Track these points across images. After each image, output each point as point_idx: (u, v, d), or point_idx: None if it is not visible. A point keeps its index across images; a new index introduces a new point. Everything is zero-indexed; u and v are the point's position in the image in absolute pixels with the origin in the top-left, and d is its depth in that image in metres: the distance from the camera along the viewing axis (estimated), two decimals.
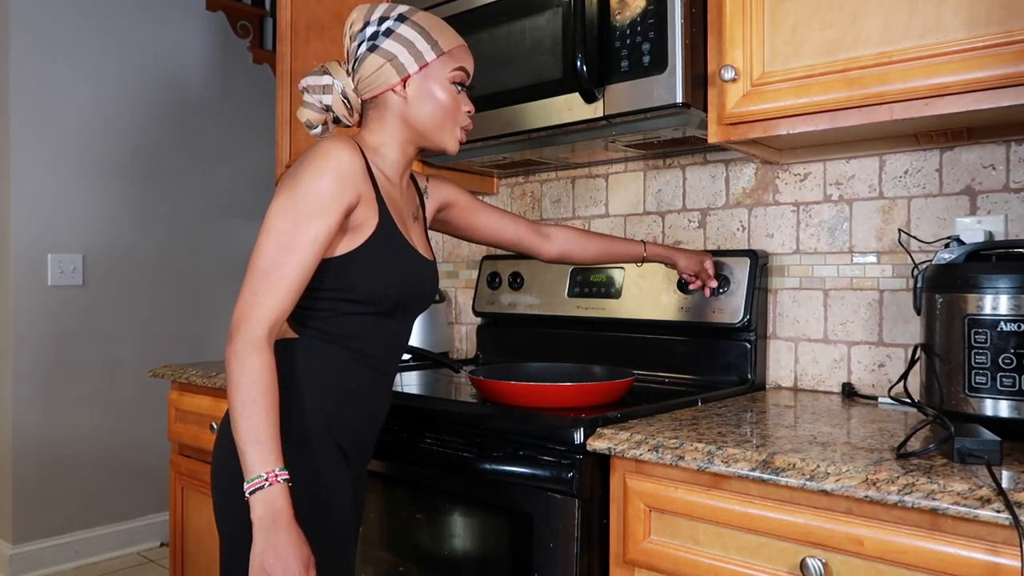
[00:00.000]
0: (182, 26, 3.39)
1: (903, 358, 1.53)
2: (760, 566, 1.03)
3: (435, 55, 1.19)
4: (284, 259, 1.06)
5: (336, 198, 1.09)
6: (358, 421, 1.20)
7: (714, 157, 1.79)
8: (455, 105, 1.22)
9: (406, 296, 1.20)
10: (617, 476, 1.18)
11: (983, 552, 0.86)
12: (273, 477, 1.01)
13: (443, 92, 1.20)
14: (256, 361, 1.04)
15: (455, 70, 1.21)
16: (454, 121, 1.22)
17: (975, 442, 0.95)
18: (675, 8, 1.37)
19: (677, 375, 1.73)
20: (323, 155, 1.09)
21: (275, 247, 1.06)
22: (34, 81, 2.94)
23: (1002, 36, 1.10)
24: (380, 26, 1.18)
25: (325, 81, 1.21)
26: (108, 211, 3.16)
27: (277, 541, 1.00)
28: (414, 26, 1.19)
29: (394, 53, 1.17)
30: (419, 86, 1.19)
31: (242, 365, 1.03)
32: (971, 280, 1.12)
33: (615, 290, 1.81)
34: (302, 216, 1.07)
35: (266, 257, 1.06)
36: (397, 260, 1.18)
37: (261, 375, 1.04)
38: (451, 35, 1.22)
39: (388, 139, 1.22)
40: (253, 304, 1.05)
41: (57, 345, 3.02)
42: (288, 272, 1.06)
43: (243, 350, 1.04)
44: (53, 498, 3.00)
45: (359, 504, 1.28)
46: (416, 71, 1.18)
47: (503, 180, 2.21)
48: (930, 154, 1.51)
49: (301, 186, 1.08)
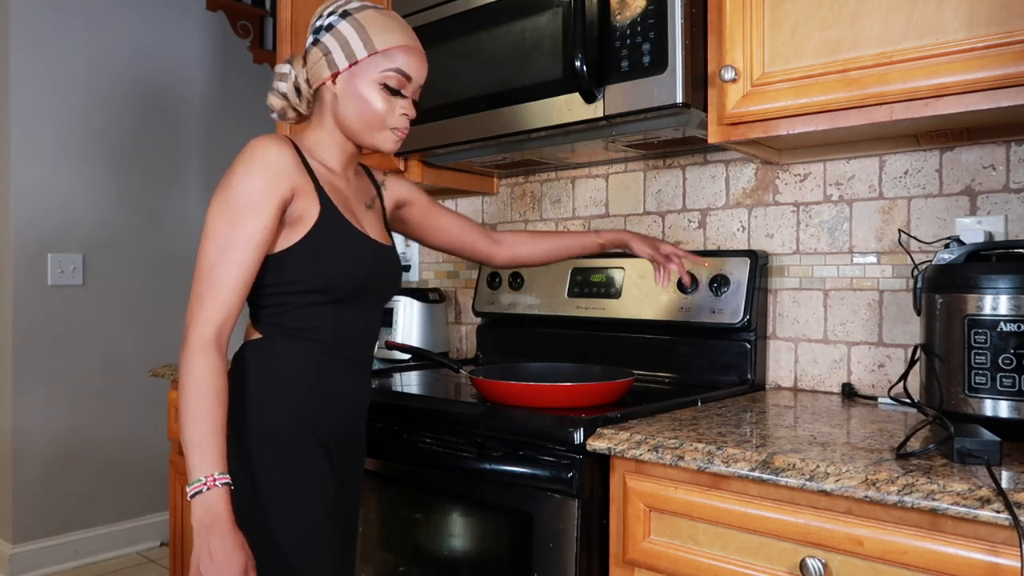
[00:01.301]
0: (182, 26, 3.39)
1: (903, 358, 1.53)
2: (760, 566, 1.03)
3: (366, 53, 1.17)
4: (223, 259, 1.07)
5: (268, 193, 1.10)
6: (336, 414, 1.21)
7: (714, 157, 1.79)
8: (385, 107, 1.19)
9: (361, 281, 1.20)
10: (617, 476, 1.18)
11: (983, 552, 0.86)
12: (212, 481, 1.01)
13: (370, 92, 1.18)
14: (202, 363, 1.05)
15: (387, 71, 1.18)
16: (381, 124, 1.20)
17: (975, 442, 0.95)
18: (675, 8, 1.37)
19: (677, 375, 1.73)
20: (250, 153, 1.11)
21: (214, 249, 1.08)
22: (34, 81, 2.94)
23: (1002, 36, 1.10)
24: (326, 20, 1.20)
25: (285, 69, 1.23)
26: (108, 211, 3.16)
27: (213, 545, 1.00)
28: (353, 23, 1.18)
29: (329, 48, 1.19)
30: (347, 83, 1.19)
31: (189, 368, 1.05)
32: (971, 280, 1.12)
33: (615, 290, 1.81)
34: (236, 215, 1.08)
35: (207, 259, 1.08)
36: (345, 247, 1.18)
37: (207, 378, 1.05)
38: (395, 35, 1.19)
39: (324, 133, 1.23)
40: (199, 308, 1.07)
41: (57, 345, 3.02)
42: (229, 272, 1.07)
43: (191, 353, 1.05)
44: (53, 498, 3.00)
45: (352, 499, 1.28)
46: (345, 68, 1.18)
47: (503, 180, 2.21)
48: (930, 154, 1.51)
49: (232, 186, 1.09)
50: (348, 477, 1.26)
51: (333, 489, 1.19)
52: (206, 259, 1.08)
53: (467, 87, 1.69)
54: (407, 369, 1.97)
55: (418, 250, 2.42)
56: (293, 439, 1.14)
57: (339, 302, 1.18)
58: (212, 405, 1.04)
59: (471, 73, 1.68)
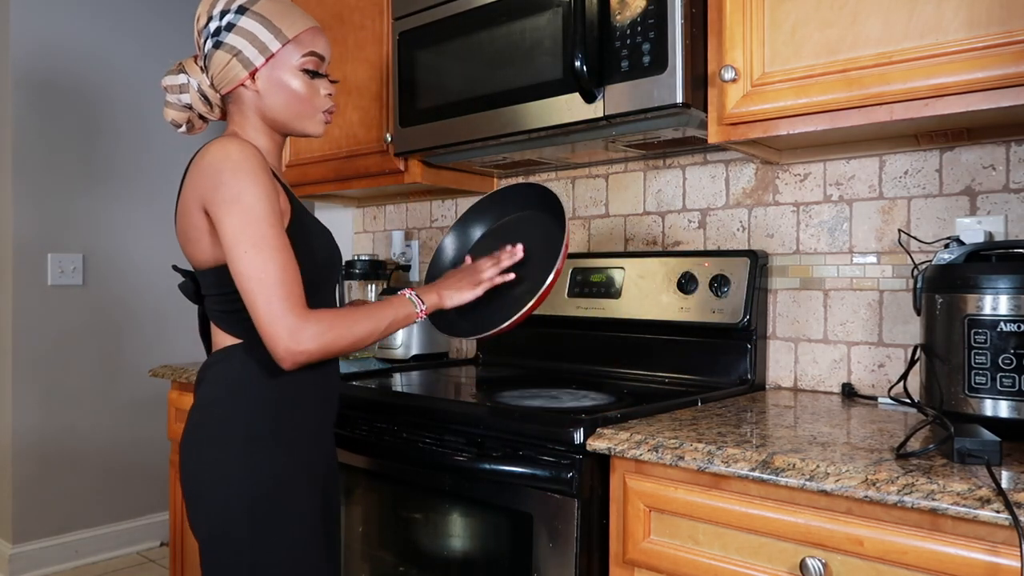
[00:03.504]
0: (182, 26, 3.39)
1: (903, 358, 1.53)
2: (760, 566, 1.03)
3: (280, 44, 1.16)
4: (284, 258, 1.07)
5: (274, 192, 1.11)
6: (312, 409, 1.21)
7: (714, 157, 1.79)
8: (311, 91, 1.20)
9: (329, 268, 1.22)
10: (617, 476, 1.18)
11: (983, 552, 0.86)
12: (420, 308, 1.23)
13: (295, 80, 1.18)
14: (314, 321, 1.08)
15: (305, 56, 1.18)
16: (312, 107, 1.21)
17: (975, 442, 0.95)
18: (675, 8, 1.37)
19: (677, 375, 1.72)
20: (242, 158, 1.09)
21: (272, 252, 1.06)
22: (34, 80, 2.94)
23: (1002, 36, 1.10)
24: (221, 20, 1.16)
25: (181, 80, 1.20)
26: (108, 211, 3.16)
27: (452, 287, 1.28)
28: (255, 16, 1.16)
29: (238, 48, 1.15)
30: (268, 78, 1.17)
31: (314, 332, 1.07)
32: (971, 280, 1.12)
33: (615, 290, 1.81)
34: (270, 218, 1.08)
35: (272, 264, 1.06)
36: (315, 237, 1.19)
37: (331, 317, 1.10)
38: (297, 20, 1.18)
39: (254, 132, 1.22)
40: (291, 306, 1.06)
41: (57, 345, 3.02)
42: (292, 267, 1.08)
43: (304, 327, 1.06)
44: (53, 498, 3.00)
45: (331, 497, 1.29)
46: (263, 63, 1.17)
47: (503, 180, 2.21)
48: (930, 154, 1.51)
49: (247, 195, 1.07)
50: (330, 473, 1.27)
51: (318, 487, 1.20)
52: (272, 263, 1.06)
53: (467, 87, 1.69)
54: (407, 369, 1.97)
55: (418, 250, 2.42)
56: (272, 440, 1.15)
57: (309, 295, 1.19)
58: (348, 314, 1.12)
59: (471, 73, 1.68)
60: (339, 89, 2.12)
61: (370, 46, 2.05)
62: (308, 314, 1.07)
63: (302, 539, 1.15)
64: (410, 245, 2.43)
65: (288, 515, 1.14)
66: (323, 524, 1.22)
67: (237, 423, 1.13)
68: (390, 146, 1.94)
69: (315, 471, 1.20)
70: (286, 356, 1.06)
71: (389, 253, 2.51)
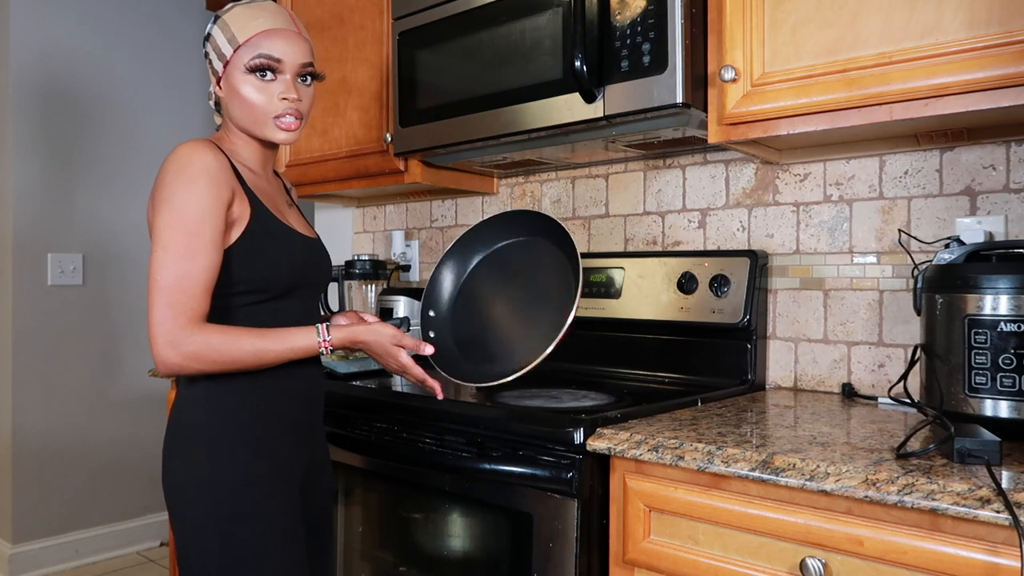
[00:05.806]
0: (182, 26, 3.39)
1: (903, 358, 1.53)
2: (760, 566, 1.03)
3: (232, 49, 1.16)
4: (193, 267, 1.07)
5: (215, 199, 1.10)
6: (292, 409, 1.21)
7: (714, 157, 1.79)
8: (263, 96, 1.17)
9: (298, 275, 1.21)
10: (617, 476, 1.18)
11: (983, 552, 0.86)
12: (325, 342, 1.17)
13: (244, 85, 1.17)
14: (198, 332, 1.07)
15: (253, 59, 1.15)
16: (264, 113, 1.17)
17: (975, 442, 0.95)
18: (675, 8, 1.37)
19: (677, 375, 1.72)
20: (187, 160, 1.10)
21: (176, 258, 1.07)
22: (34, 82, 2.94)
23: (1002, 36, 1.10)
24: (206, 31, 1.21)
25: (210, 88, 1.25)
26: (108, 211, 3.16)
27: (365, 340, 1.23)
28: (221, 24, 1.18)
29: (210, 56, 1.20)
30: (226, 85, 1.19)
31: (195, 344, 1.06)
32: (971, 280, 1.12)
33: (615, 290, 1.81)
34: (192, 224, 1.07)
35: (172, 269, 1.06)
36: (278, 243, 1.18)
37: (214, 332, 1.08)
38: (253, 23, 1.16)
39: (235, 138, 1.23)
40: (171, 316, 1.06)
41: (57, 344, 3.02)
42: (199, 277, 1.08)
43: (184, 342, 1.06)
44: (53, 498, 3.00)
45: (323, 492, 1.29)
46: (222, 70, 1.18)
47: (503, 180, 2.21)
48: (930, 154, 1.51)
49: (178, 197, 1.08)
50: (312, 472, 1.27)
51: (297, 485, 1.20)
52: (171, 269, 1.06)
53: (467, 87, 1.69)
54: None
55: (418, 250, 2.42)
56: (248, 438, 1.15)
57: (277, 299, 1.19)
58: (241, 332, 1.10)
59: (471, 73, 1.68)
60: (339, 89, 2.12)
61: (370, 46, 2.05)
62: (192, 326, 1.07)
63: (273, 540, 1.14)
64: (410, 245, 2.43)
65: (257, 516, 1.13)
66: (304, 525, 1.21)
67: (206, 425, 1.14)
68: (390, 146, 1.94)
69: (290, 471, 1.20)
70: (159, 362, 1.07)
71: (389, 253, 2.51)
